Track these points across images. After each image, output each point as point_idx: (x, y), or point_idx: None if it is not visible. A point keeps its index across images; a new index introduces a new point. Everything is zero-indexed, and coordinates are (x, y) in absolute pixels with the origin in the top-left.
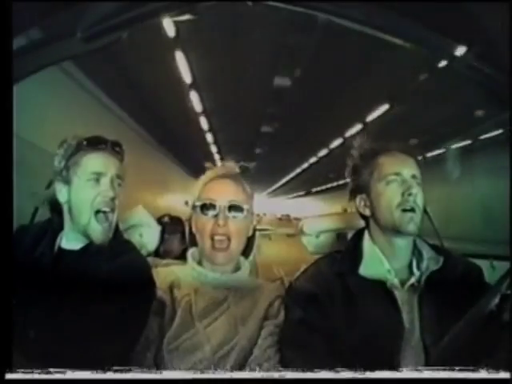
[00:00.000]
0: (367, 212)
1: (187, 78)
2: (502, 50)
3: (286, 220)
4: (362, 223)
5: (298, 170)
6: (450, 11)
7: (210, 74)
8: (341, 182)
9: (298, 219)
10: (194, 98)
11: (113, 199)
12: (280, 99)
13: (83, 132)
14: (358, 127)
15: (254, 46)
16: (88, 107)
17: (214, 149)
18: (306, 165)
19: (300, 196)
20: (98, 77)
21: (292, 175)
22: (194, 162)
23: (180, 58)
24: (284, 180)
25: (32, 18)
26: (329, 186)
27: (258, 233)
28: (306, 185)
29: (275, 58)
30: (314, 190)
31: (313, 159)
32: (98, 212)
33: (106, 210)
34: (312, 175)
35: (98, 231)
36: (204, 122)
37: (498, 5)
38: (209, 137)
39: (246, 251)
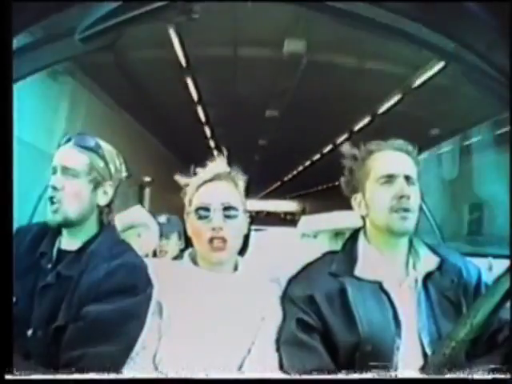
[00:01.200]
0: (363, 211)
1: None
2: (502, 50)
3: (290, 220)
4: (359, 223)
5: (296, 172)
6: (449, 11)
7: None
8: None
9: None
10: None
11: (54, 189)
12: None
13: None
14: (362, 124)
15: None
16: (93, 111)
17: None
18: (301, 168)
19: (298, 196)
20: (106, 83)
21: (290, 176)
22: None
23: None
24: (285, 179)
25: (32, 18)
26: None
27: (254, 232)
28: (303, 186)
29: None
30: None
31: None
32: (50, 200)
33: (52, 198)
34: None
35: (47, 212)
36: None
37: (497, 5)
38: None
39: (242, 250)
